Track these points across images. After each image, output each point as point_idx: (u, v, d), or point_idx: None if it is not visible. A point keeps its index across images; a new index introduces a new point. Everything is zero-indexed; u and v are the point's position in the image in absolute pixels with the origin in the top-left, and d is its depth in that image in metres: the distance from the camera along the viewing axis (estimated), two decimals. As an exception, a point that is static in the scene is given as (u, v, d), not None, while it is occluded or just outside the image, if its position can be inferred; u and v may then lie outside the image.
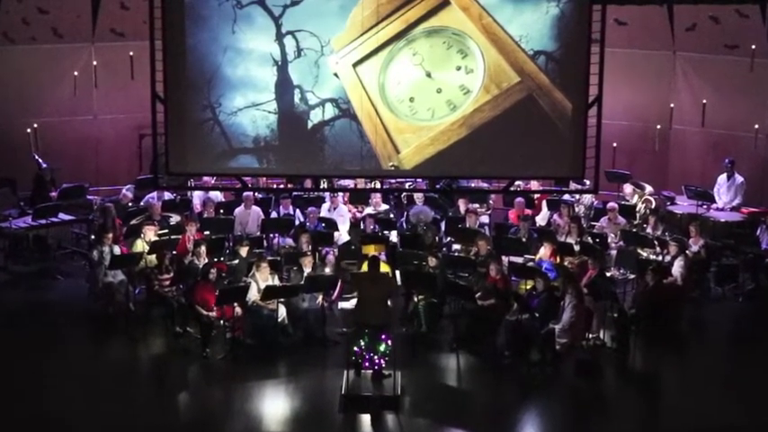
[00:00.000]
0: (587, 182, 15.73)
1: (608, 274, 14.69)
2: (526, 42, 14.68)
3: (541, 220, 17.25)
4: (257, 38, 14.80)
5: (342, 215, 16.89)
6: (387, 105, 14.95)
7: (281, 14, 14.89)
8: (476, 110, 14.80)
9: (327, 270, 14.51)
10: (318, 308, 13.90)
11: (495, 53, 14.67)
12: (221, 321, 13.48)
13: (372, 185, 17.16)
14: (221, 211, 16.91)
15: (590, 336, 13.52)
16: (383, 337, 12.44)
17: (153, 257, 14.64)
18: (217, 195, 17.59)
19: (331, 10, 14.80)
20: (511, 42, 14.70)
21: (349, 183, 17.40)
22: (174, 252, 14.80)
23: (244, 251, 14.75)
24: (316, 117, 15.03)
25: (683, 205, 17.74)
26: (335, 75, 14.90)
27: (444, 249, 15.86)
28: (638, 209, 17.16)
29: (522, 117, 14.82)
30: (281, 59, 14.90)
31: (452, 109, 14.87)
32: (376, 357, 12.42)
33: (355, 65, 14.88)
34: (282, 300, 13.73)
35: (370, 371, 12.53)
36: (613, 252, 15.66)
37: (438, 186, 17.16)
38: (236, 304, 13.52)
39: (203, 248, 14.56)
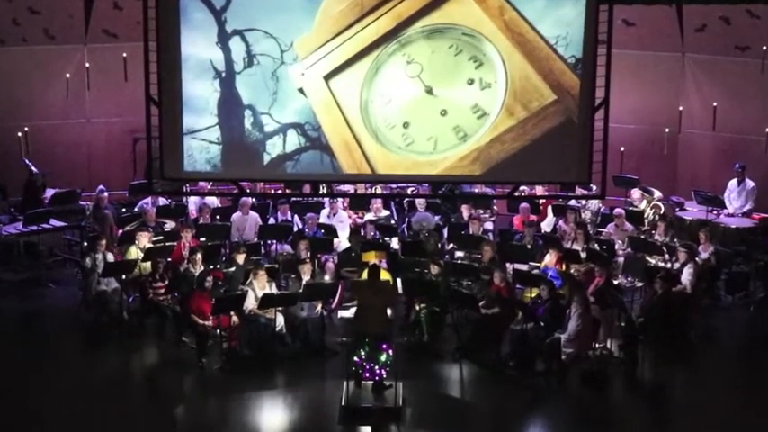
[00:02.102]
0: (594, 187, 15.73)
1: (615, 282, 14.72)
2: (565, 46, 12.62)
3: (547, 226, 17.27)
4: (193, 39, 12.94)
5: (341, 221, 16.92)
6: (372, 133, 12.76)
7: (225, 7, 12.67)
8: (494, 139, 12.68)
9: (327, 278, 14.54)
10: (317, 317, 13.93)
11: (521, 61, 12.40)
12: (217, 331, 13.49)
13: (373, 191, 17.18)
14: (217, 217, 16.94)
15: (597, 345, 13.53)
16: (384, 346, 12.46)
17: (147, 265, 14.67)
18: (213, 201, 17.62)
19: (294, 1, 12.49)
20: (544, 46, 12.61)
21: (349, 188, 17.43)
22: (169, 259, 14.84)
23: (241, 258, 14.78)
24: (274, 149, 13.11)
25: (693, 211, 17.76)
26: (301, 91, 12.85)
27: (447, 256, 15.88)
28: (646, 215, 17.20)
29: (552, 141, 12.93)
30: (225, 70, 12.90)
31: (462, 138, 12.77)
32: (377, 367, 12.44)
33: (328, 77, 12.69)
34: (280, 308, 13.76)
35: (371, 381, 12.55)
36: (621, 259, 15.69)
37: (441, 192, 17.19)
38: (232, 313, 13.55)
39: (199, 256, 14.58)
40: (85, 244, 16.17)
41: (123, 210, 17.54)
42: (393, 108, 12.78)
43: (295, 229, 16.67)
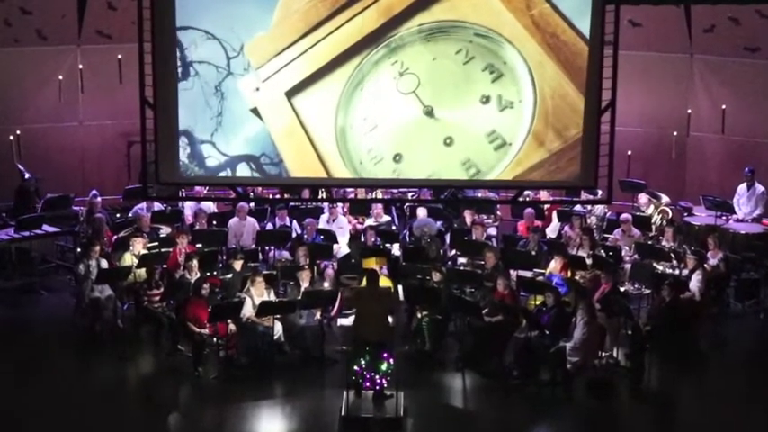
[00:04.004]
0: (600, 192, 15.79)
1: (622, 289, 14.75)
2: None
3: (552, 232, 17.30)
4: None
5: (341, 227, 16.96)
6: (351, 168, 10.65)
7: None
8: (518, 178, 10.66)
9: (326, 285, 14.58)
10: (316, 325, 13.96)
11: (555, 71, 10.19)
12: (214, 339, 13.53)
13: (374, 195, 17.19)
14: (214, 222, 16.99)
15: (603, 354, 13.57)
16: (385, 355, 12.49)
17: (142, 271, 14.70)
18: (209, 206, 17.66)
19: None
20: (586, 51, 10.55)
21: (349, 193, 17.47)
22: (165, 266, 14.89)
23: (238, 265, 14.81)
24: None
25: (701, 216, 17.80)
26: (254, 112, 10.70)
27: (449, 263, 15.92)
28: (653, 220, 17.25)
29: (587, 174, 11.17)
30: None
31: (474, 176, 10.74)
32: (377, 377, 12.48)
33: (292, 93, 10.38)
34: (278, 316, 13.79)
35: (371, 391, 12.58)
36: (627, 266, 15.72)
37: (443, 197, 17.21)
38: (229, 321, 13.59)
39: (195, 262, 14.62)
40: (79, 250, 16.20)
41: (117, 215, 17.60)
42: (380, 135, 10.41)
43: (294, 234, 16.72)
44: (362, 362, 12.48)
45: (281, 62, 10.10)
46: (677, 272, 15.21)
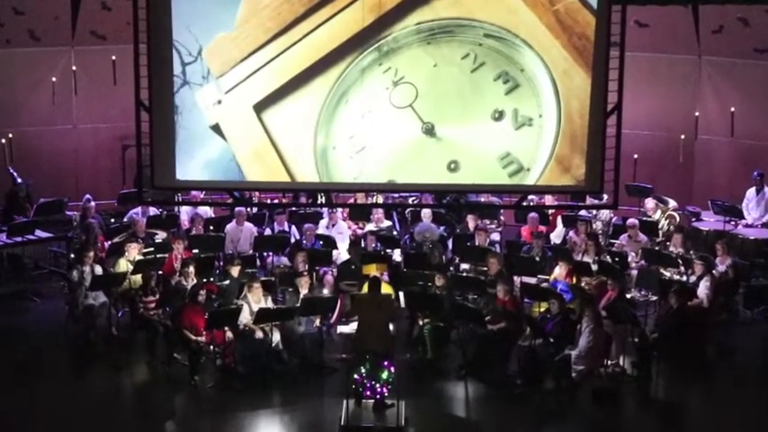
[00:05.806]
0: (606, 196, 15.81)
1: (628, 296, 14.76)
2: None
3: (556, 237, 17.33)
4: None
5: (341, 232, 16.98)
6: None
7: None
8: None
9: (325, 291, 14.59)
10: (316, 332, 13.97)
11: (583, 81, 8.82)
12: (211, 347, 13.55)
13: (374, 200, 17.21)
14: (211, 227, 17.01)
15: (609, 362, 13.58)
16: (385, 363, 12.51)
17: (137, 278, 14.73)
18: (206, 211, 17.68)
19: None
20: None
21: (349, 197, 17.47)
22: (160, 272, 14.90)
23: (235, 271, 14.82)
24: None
25: (710, 221, 17.83)
26: (215, 129, 9.62)
27: (452, 269, 15.93)
28: (660, 225, 17.26)
29: None
30: None
31: None
32: (378, 386, 12.48)
33: (260, 107, 9.13)
34: (277, 323, 13.80)
35: (372, 400, 12.59)
36: (634, 272, 15.74)
37: (445, 201, 17.22)
38: (226, 328, 13.60)
39: (191, 268, 14.63)
40: (72, 256, 16.21)
41: (112, 220, 17.61)
42: (369, 158, 9.09)
43: (292, 240, 16.72)
44: (363, 370, 12.49)
45: (248, 69, 8.71)
46: (685, 278, 15.22)
